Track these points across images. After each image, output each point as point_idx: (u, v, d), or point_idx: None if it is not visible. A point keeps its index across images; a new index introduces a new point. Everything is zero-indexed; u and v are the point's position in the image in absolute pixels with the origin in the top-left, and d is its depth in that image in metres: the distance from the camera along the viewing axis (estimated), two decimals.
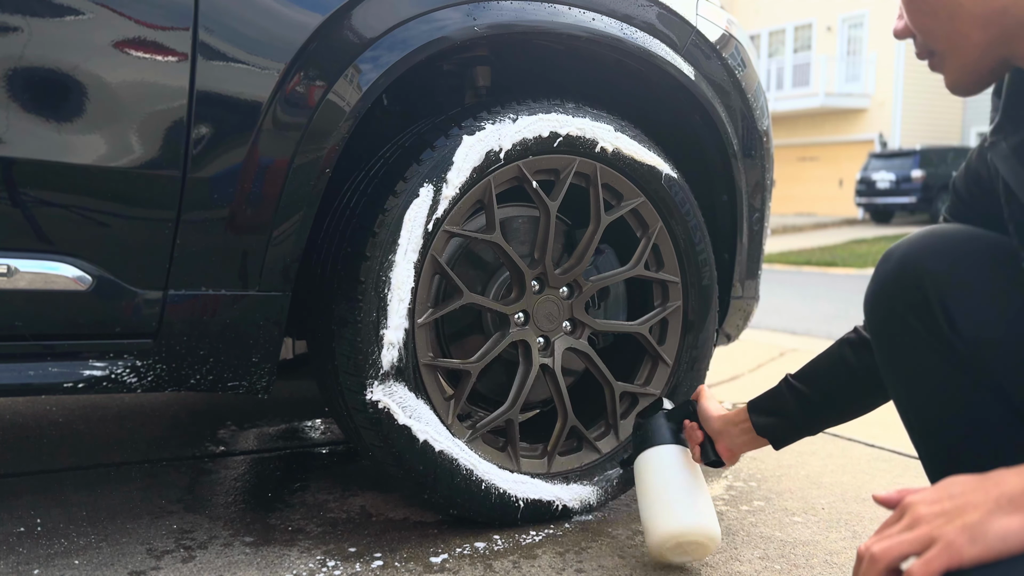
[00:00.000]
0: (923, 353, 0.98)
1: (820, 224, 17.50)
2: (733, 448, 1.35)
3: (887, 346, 1.03)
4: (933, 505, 0.69)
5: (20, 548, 1.41)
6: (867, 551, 0.71)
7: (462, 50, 1.55)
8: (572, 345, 1.60)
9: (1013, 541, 0.65)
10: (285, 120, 1.26)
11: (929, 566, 0.66)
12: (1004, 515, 0.66)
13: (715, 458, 1.37)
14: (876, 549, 0.70)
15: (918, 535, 0.68)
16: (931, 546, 0.67)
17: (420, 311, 1.43)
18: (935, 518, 0.68)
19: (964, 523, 0.66)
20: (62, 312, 1.18)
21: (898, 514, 0.72)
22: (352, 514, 1.60)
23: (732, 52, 1.75)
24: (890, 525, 0.72)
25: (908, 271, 0.98)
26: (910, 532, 0.69)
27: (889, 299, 1.01)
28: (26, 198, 1.14)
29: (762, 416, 1.30)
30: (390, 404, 1.39)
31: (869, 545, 0.71)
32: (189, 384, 1.31)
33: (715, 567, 1.41)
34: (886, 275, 1.01)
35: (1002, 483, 0.68)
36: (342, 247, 1.42)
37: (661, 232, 1.66)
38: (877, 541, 0.71)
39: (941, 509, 0.69)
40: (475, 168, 1.44)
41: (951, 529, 0.67)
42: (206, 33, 1.19)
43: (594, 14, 1.53)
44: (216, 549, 1.42)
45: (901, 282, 0.99)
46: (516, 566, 1.39)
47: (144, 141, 1.19)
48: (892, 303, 1.00)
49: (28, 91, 1.12)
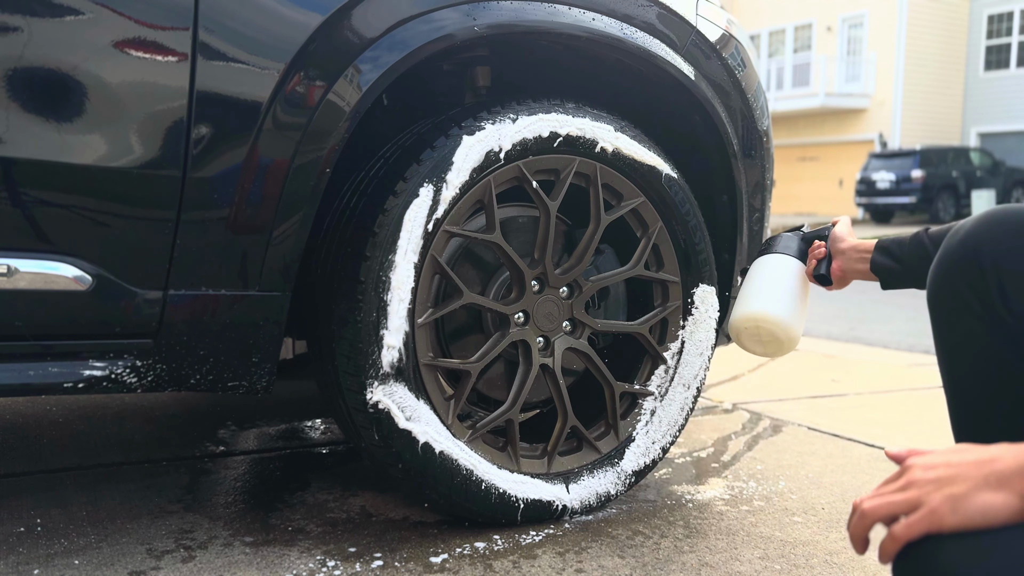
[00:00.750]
0: (974, 326, 1.01)
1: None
2: (846, 271, 1.45)
3: (942, 317, 1.06)
4: (928, 471, 0.72)
5: (20, 548, 1.41)
6: (859, 506, 0.74)
7: (462, 50, 1.55)
8: (572, 345, 1.60)
9: (993, 515, 0.68)
10: (285, 120, 1.26)
11: (910, 529, 0.69)
12: (989, 491, 0.68)
13: (825, 273, 1.47)
14: (867, 506, 0.73)
15: (907, 497, 0.71)
16: (916, 509, 0.70)
17: (420, 311, 1.43)
18: (927, 484, 0.71)
19: (950, 493, 0.69)
20: (62, 312, 1.18)
21: (898, 473, 0.75)
22: (352, 514, 1.60)
23: (732, 52, 1.75)
24: (889, 483, 0.75)
25: (970, 246, 1.00)
26: (902, 493, 0.72)
27: (949, 272, 1.03)
28: (26, 198, 1.14)
29: (884, 256, 1.37)
30: (390, 404, 1.39)
31: (862, 500, 0.74)
32: (189, 384, 1.31)
33: (715, 567, 1.41)
34: (950, 249, 1.03)
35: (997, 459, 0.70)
36: (342, 247, 1.42)
37: (661, 232, 1.66)
38: (871, 498, 0.74)
39: (936, 476, 0.71)
40: (475, 168, 1.44)
41: (937, 496, 0.69)
42: (206, 33, 1.19)
43: (594, 14, 1.53)
44: (216, 549, 1.42)
45: (962, 257, 1.01)
46: (516, 566, 1.39)
47: (144, 141, 1.19)
48: (951, 276, 1.03)
49: (28, 91, 1.12)
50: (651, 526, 1.58)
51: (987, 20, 20.90)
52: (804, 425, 2.40)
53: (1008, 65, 20.57)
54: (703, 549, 1.48)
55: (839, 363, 3.60)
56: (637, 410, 1.68)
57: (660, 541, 1.51)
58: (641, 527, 1.57)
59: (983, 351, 1.00)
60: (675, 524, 1.59)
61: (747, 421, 2.43)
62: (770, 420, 2.45)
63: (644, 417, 1.68)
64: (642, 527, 1.57)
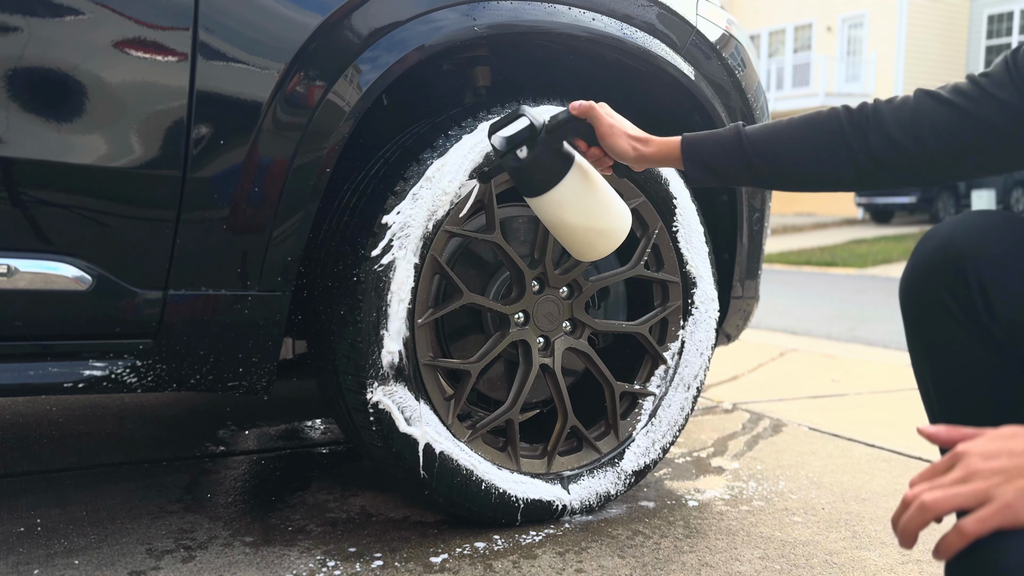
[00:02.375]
0: (956, 333, 0.98)
1: (820, 224, 17.49)
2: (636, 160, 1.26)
3: (920, 325, 1.03)
4: (990, 460, 0.68)
5: (20, 548, 1.41)
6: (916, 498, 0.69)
7: (462, 50, 1.55)
8: (572, 345, 1.60)
9: None
10: (285, 120, 1.26)
11: (983, 524, 0.65)
12: None
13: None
14: (928, 498, 0.68)
15: (974, 490, 0.67)
16: (986, 503, 0.66)
17: (420, 311, 1.43)
18: (991, 475, 0.67)
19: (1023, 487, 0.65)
20: (62, 312, 1.18)
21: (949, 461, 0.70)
22: (352, 514, 1.60)
23: (732, 52, 1.75)
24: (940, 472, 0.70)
25: (950, 252, 0.98)
26: (965, 486, 0.67)
27: (927, 279, 1.00)
28: (26, 198, 1.14)
29: (702, 171, 1.21)
30: (390, 404, 1.39)
31: (918, 492, 0.69)
32: (189, 384, 1.31)
33: (715, 567, 1.41)
34: (926, 255, 1.01)
35: None
36: (342, 247, 1.42)
37: (661, 232, 1.66)
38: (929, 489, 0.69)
39: (1000, 466, 0.67)
40: (475, 168, 1.44)
41: (1010, 489, 0.66)
42: (206, 33, 1.19)
43: (594, 14, 1.53)
44: (216, 549, 1.42)
45: (941, 263, 0.99)
46: (516, 566, 1.39)
47: (144, 141, 1.19)
48: (930, 283, 1.00)
49: (28, 91, 1.12)
50: (651, 526, 1.58)
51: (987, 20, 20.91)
52: (804, 425, 2.40)
53: None
54: (703, 549, 1.48)
55: (839, 363, 3.61)
56: (637, 410, 1.68)
57: (660, 541, 1.51)
58: (641, 527, 1.57)
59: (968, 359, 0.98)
60: (675, 524, 1.59)
61: (747, 421, 2.43)
62: (770, 420, 2.45)
63: (644, 417, 1.68)
64: (642, 527, 1.57)
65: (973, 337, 0.97)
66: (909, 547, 0.70)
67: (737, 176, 1.19)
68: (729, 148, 1.17)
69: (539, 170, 1.29)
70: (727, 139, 1.18)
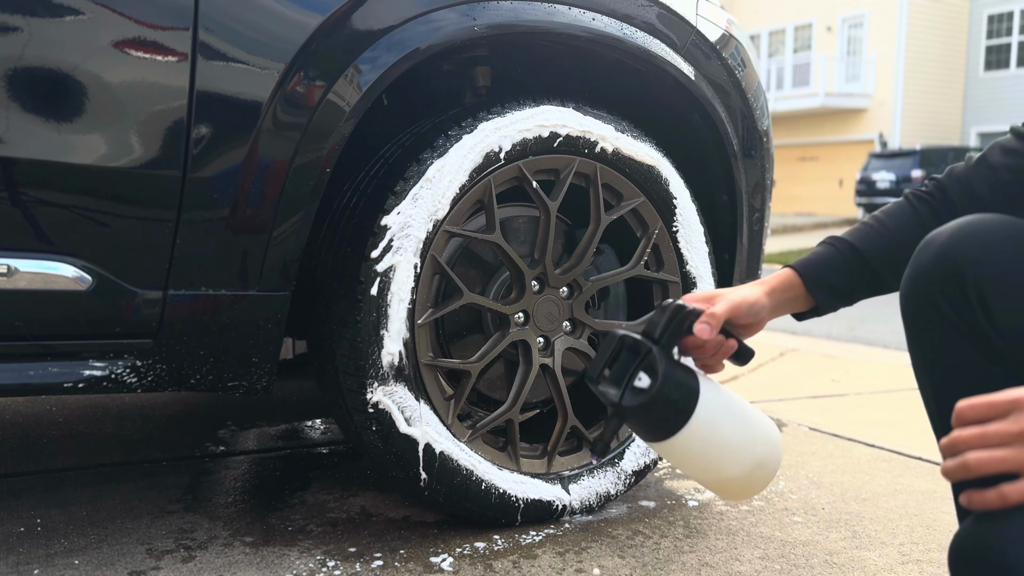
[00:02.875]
0: (956, 342, 0.98)
1: (820, 224, 17.50)
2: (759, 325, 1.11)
3: (920, 334, 1.03)
4: None
5: (20, 548, 1.41)
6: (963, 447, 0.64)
7: (462, 50, 1.55)
8: (572, 345, 1.60)
9: None
10: (285, 120, 1.26)
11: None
12: None
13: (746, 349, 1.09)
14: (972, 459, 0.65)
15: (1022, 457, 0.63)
16: None
17: (420, 311, 1.43)
18: None
19: None
20: (62, 312, 1.18)
21: (1009, 406, 0.66)
22: (352, 514, 1.60)
23: (732, 52, 1.75)
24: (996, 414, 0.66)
25: (948, 260, 0.97)
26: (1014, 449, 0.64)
27: (926, 287, 1.00)
28: (26, 198, 1.14)
29: (831, 297, 1.12)
30: (390, 404, 1.39)
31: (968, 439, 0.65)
32: (189, 384, 1.31)
33: (715, 567, 1.41)
34: (924, 263, 1.00)
35: None
36: (342, 247, 1.42)
37: (661, 232, 1.66)
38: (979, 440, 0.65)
39: None
40: (475, 168, 1.44)
41: None
42: (206, 33, 1.19)
43: (594, 14, 1.53)
44: (216, 549, 1.42)
45: (939, 270, 0.98)
46: (516, 566, 1.39)
47: (144, 141, 1.19)
48: (928, 291, 0.99)
49: (28, 91, 1.12)
50: (651, 526, 1.58)
51: (987, 20, 20.91)
52: (804, 425, 2.40)
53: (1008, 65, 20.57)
54: (703, 549, 1.48)
55: (839, 363, 3.61)
56: None
57: (660, 541, 1.51)
58: (641, 527, 1.57)
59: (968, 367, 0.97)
60: (675, 524, 1.59)
61: None
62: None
63: None
64: (642, 527, 1.57)
65: (973, 346, 0.97)
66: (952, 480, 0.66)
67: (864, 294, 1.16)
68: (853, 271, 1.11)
69: (674, 390, 0.98)
70: (848, 259, 1.11)
